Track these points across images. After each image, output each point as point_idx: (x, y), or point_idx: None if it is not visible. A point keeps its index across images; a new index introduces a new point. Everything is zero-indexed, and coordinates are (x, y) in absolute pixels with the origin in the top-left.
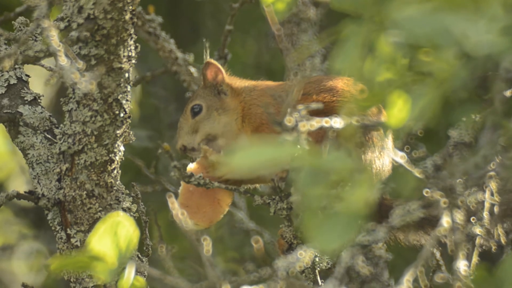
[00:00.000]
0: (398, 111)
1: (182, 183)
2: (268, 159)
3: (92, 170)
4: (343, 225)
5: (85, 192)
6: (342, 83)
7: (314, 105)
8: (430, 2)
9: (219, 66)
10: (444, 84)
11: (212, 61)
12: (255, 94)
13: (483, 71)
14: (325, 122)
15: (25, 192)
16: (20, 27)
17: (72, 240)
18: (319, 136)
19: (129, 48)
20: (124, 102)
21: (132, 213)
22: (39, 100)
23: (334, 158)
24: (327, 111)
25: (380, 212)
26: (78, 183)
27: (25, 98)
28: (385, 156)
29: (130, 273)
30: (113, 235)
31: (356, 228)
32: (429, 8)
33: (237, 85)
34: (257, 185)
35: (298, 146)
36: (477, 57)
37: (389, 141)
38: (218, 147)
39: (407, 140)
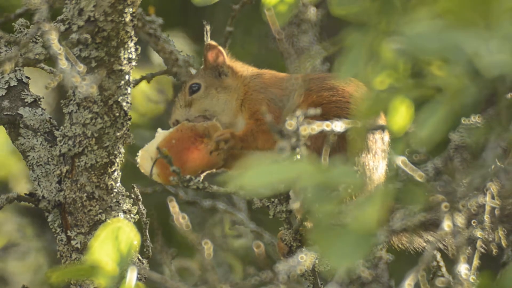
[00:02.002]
0: (400, 117)
1: (170, 130)
2: (277, 178)
3: (92, 172)
4: (354, 243)
5: (85, 194)
6: (343, 83)
7: (312, 111)
8: (442, 19)
9: (220, 48)
10: (454, 100)
11: (213, 43)
12: (259, 81)
13: (492, 87)
14: (326, 125)
15: (25, 194)
16: (20, 29)
17: (73, 242)
18: (315, 137)
19: (129, 50)
20: (124, 104)
21: (132, 215)
22: (39, 102)
23: (341, 173)
24: (327, 110)
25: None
26: (78, 185)
27: (26, 100)
28: (381, 158)
29: (131, 279)
30: (114, 240)
31: (368, 245)
32: (440, 25)
33: (239, 68)
34: None
35: (299, 157)
36: (489, 77)
37: (386, 144)
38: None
39: (408, 144)
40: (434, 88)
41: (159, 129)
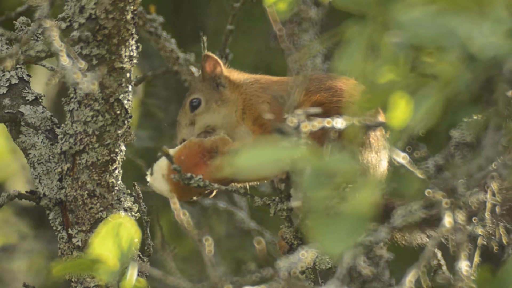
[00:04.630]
0: (400, 112)
1: (178, 147)
2: (271, 161)
3: (93, 170)
4: (348, 228)
5: (86, 192)
6: (342, 83)
7: (313, 110)
8: (435, 4)
9: (218, 59)
10: (448, 86)
11: (211, 54)
12: (256, 86)
13: (487, 74)
14: (327, 122)
15: (26, 192)
16: (21, 26)
17: (74, 240)
18: (319, 136)
19: (130, 48)
20: (125, 102)
21: (133, 213)
22: (40, 100)
23: (337, 160)
24: (327, 110)
25: (381, 212)
26: (79, 183)
27: (27, 98)
28: (383, 156)
29: (132, 274)
30: (115, 236)
31: (361, 231)
32: (433, 10)
33: (236, 77)
34: (253, 183)
35: (300, 148)
36: (482, 60)
37: (388, 141)
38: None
39: (408, 140)
40: (430, 76)
41: (165, 147)
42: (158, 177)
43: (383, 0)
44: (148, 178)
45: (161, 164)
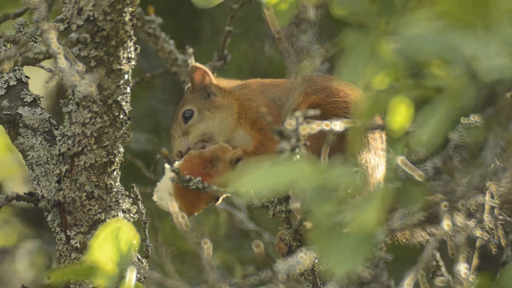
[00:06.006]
0: (400, 116)
1: (179, 162)
2: (276, 181)
3: (91, 171)
4: (355, 246)
5: (84, 193)
6: (336, 83)
7: (312, 112)
8: (440, 20)
9: (206, 68)
10: (454, 100)
11: (198, 64)
12: (248, 90)
13: (490, 88)
14: (325, 125)
15: (24, 193)
16: (19, 28)
17: (72, 242)
18: (317, 138)
19: (128, 50)
20: (123, 103)
21: (132, 215)
22: (38, 102)
23: (341, 173)
24: (324, 111)
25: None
26: (77, 185)
27: (25, 100)
28: (381, 156)
29: (131, 279)
30: (114, 239)
31: (367, 248)
32: (439, 26)
33: (226, 85)
34: None
35: (299, 157)
36: (488, 80)
37: (385, 143)
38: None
39: (407, 144)
40: (433, 89)
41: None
42: (165, 196)
43: (384, 10)
44: (155, 198)
45: (167, 183)
